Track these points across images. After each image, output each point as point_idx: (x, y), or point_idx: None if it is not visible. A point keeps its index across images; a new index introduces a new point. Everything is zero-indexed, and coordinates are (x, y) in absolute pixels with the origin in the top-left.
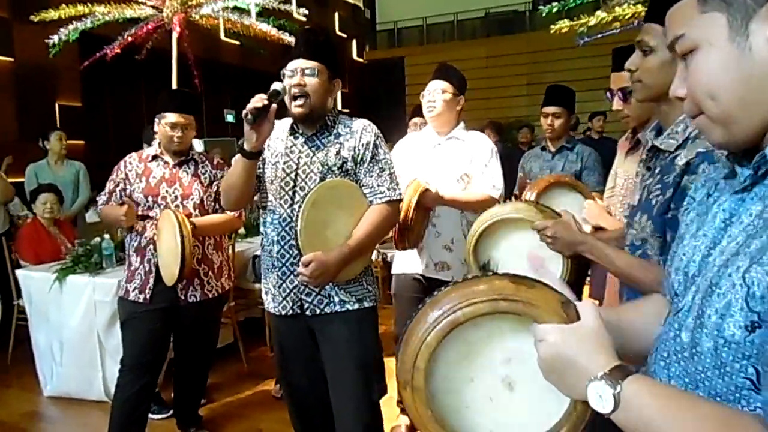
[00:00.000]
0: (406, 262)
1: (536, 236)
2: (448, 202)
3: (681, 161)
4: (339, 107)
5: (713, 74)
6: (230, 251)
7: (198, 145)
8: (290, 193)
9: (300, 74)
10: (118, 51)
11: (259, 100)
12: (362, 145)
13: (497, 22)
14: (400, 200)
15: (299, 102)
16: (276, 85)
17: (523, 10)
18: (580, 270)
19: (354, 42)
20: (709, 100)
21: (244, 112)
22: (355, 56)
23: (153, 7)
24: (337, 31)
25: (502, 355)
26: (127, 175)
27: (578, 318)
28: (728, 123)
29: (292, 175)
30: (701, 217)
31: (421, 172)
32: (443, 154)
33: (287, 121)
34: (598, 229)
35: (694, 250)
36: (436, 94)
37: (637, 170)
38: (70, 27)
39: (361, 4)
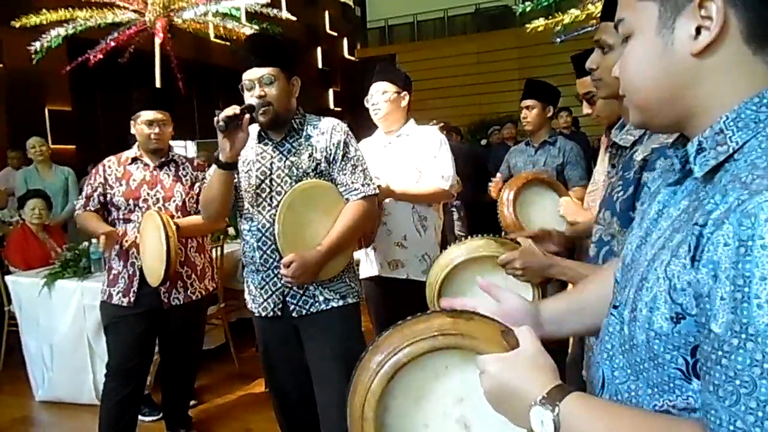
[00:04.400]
0: (366, 266)
1: (502, 271)
2: (398, 196)
3: (638, 157)
4: (331, 106)
5: (637, 64)
6: (213, 253)
7: (191, 148)
8: (267, 199)
9: (258, 85)
10: (101, 56)
11: (231, 110)
12: (333, 144)
13: (487, 18)
14: (376, 194)
15: (262, 110)
16: (251, 100)
17: (513, 5)
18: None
19: (345, 40)
20: (629, 89)
21: (215, 119)
22: (346, 54)
23: (135, 11)
24: (328, 30)
25: (453, 396)
26: (106, 179)
27: (518, 345)
28: (644, 113)
29: (267, 182)
30: (647, 208)
31: (375, 173)
32: (394, 152)
33: (255, 128)
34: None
35: (635, 240)
36: (377, 96)
37: None
38: (53, 33)
39: (351, 2)
